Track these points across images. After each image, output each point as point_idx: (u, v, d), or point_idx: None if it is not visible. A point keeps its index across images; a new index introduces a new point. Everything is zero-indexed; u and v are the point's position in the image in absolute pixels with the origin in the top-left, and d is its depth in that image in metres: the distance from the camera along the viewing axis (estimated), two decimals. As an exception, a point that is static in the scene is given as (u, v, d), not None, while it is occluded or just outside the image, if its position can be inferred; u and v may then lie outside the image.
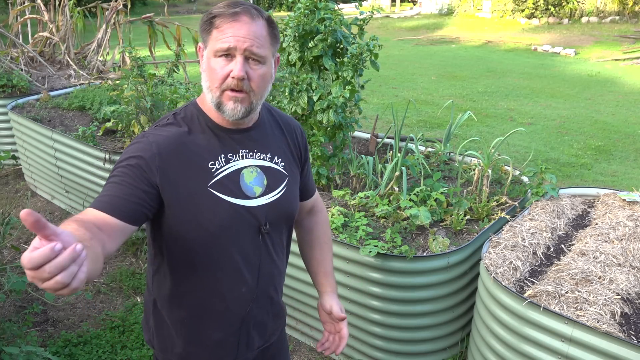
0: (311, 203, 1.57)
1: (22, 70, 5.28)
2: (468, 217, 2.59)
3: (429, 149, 3.40)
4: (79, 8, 5.97)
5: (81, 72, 5.43)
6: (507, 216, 2.52)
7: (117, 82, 4.26)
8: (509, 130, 5.73)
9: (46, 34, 5.77)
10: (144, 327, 1.45)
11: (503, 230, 2.39)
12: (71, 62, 5.62)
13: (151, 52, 5.94)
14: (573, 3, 14.39)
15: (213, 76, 1.20)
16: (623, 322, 1.80)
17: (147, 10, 17.63)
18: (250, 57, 1.19)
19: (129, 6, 6.00)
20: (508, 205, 2.69)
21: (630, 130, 6.36)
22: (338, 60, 2.90)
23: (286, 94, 2.80)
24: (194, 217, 1.21)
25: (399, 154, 2.86)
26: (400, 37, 14.02)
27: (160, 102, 3.55)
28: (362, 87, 2.97)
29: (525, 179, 2.95)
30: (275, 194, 1.32)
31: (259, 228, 1.29)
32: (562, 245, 2.35)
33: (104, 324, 2.85)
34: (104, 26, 5.66)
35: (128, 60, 4.57)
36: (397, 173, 2.74)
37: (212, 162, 1.24)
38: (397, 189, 2.75)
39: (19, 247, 3.46)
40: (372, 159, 2.94)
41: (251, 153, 1.31)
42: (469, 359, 2.35)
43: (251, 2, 1.25)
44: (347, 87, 2.75)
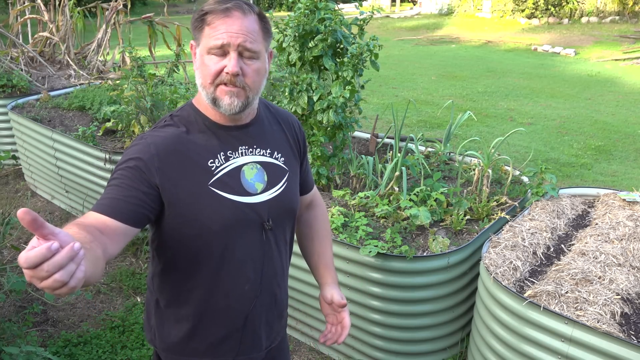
0: (310, 197, 1.57)
1: (22, 70, 5.28)
2: (468, 217, 2.59)
3: (429, 149, 3.40)
4: (79, 8, 5.97)
5: (81, 72, 5.43)
6: (507, 216, 2.52)
7: (117, 82, 4.25)
8: (509, 130, 5.73)
9: (46, 34, 5.77)
10: (146, 327, 1.45)
11: (503, 230, 2.39)
12: (71, 62, 5.62)
13: (151, 52, 5.94)
14: (573, 3, 14.39)
15: (206, 72, 1.19)
16: (623, 322, 1.80)
17: (147, 10, 17.64)
18: (244, 53, 1.18)
19: (129, 6, 6.01)
20: (508, 205, 2.69)
21: (630, 130, 6.36)
22: (338, 60, 2.90)
23: (286, 94, 2.80)
24: (196, 217, 1.21)
25: (399, 154, 2.86)
26: (400, 37, 14.02)
27: (160, 102, 3.54)
28: (362, 87, 2.97)
29: (525, 179, 2.95)
30: (276, 190, 1.32)
31: (262, 224, 1.29)
32: (562, 245, 2.35)
33: (104, 324, 2.85)
34: (104, 26, 5.66)
35: (128, 60, 4.58)
36: (397, 173, 2.74)
37: (212, 161, 1.24)
38: (397, 189, 2.75)
39: (19, 247, 3.46)
40: (372, 159, 2.94)
41: (251, 149, 1.30)
42: (469, 359, 2.35)
43: (251, 2, 1.25)
44: (347, 87, 2.75)
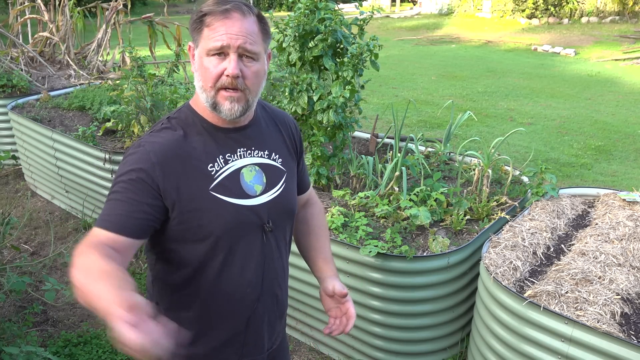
0: (307, 196, 1.57)
1: (22, 70, 5.28)
2: (468, 217, 2.59)
3: (429, 149, 3.40)
4: (79, 8, 5.97)
5: (81, 72, 5.43)
6: (507, 216, 2.52)
7: (117, 82, 4.25)
8: (509, 130, 5.73)
9: (46, 34, 5.77)
10: None
11: (503, 230, 2.39)
12: (71, 62, 5.62)
13: (151, 52, 5.94)
14: (573, 3, 14.39)
15: (206, 75, 1.18)
16: (623, 322, 1.80)
17: (147, 10, 17.63)
18: (243, 55, 1.18)
19: (129, 6, 6.01)
20: (508, 205, 2.69)
21: (630, 130, 6.36)
22: (338, 60, 2.89)
23: (286, 94, 2.80)
24: (198, 222, 1.21)
25: (399, 154, 2.86)
26: (400, 37, 14.01)
27: (160, 102, 3.54)
28: (362, 87, 2.97)
29: (525, 179, 2.95)
30: (275, 191, 1.32)
31: (263, 226, 1.29)
32: (562, 245, 2.35)
33: (104, 324, 2.85)
34: (104, 26, 5.66)
35: (128, 60, 4.58)
36: (397, 173, 2.74)
37: (211, 165, 1.24)
38: (397, 189, 2.75)
39: (19, 247, 3.46)
40: (372, 159, 2.94)
41: (249, 151, 1.30)
42: (469, 359, 2.35)
43: (250, 2, 1.25)
44: (347, 87, 2.74)
